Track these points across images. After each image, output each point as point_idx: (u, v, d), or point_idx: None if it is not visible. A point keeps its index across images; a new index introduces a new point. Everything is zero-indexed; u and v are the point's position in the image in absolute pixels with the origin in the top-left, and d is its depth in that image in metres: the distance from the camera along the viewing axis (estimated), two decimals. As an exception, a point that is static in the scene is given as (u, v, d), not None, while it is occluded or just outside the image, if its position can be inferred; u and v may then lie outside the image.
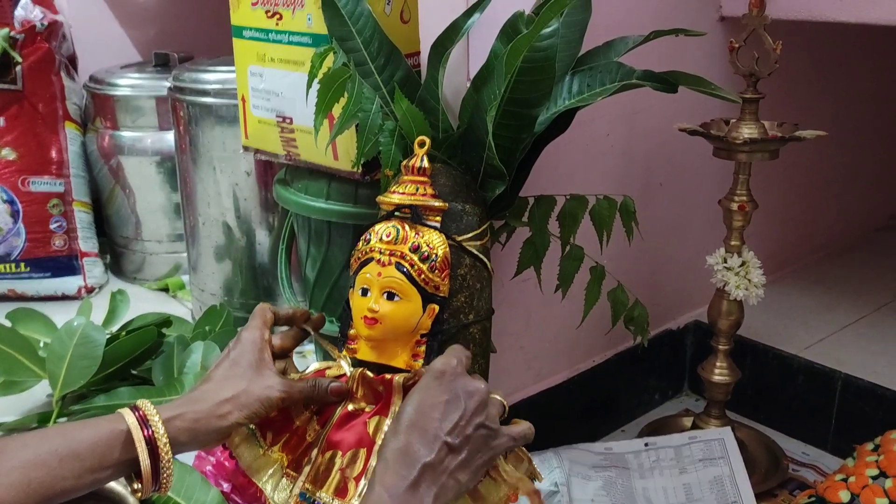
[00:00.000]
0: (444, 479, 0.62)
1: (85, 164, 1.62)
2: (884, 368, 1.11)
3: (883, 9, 0.97)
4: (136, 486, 0.67)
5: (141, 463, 0.64)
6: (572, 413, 0.71)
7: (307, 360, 1.18)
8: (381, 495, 0.59)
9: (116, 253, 1.68)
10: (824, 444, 1.13)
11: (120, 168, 1.60)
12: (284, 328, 0.82)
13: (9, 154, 1.52)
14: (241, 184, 1.32)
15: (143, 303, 1.47)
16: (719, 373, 1.04)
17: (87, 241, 1.60)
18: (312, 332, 0.82)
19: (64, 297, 1.57)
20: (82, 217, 1.60)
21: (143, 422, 0.65)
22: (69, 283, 1.57)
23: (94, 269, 1.60)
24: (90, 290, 1.59)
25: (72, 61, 1.66)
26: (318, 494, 0.73)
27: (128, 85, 1.58)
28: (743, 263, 0.98)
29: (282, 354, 0.79)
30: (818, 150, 1.39)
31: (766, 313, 1.22)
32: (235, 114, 1.29)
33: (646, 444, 1.02)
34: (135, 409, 0.66)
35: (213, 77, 1.30)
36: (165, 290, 1.62)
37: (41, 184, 1.55)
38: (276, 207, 1.33)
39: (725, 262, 0.98)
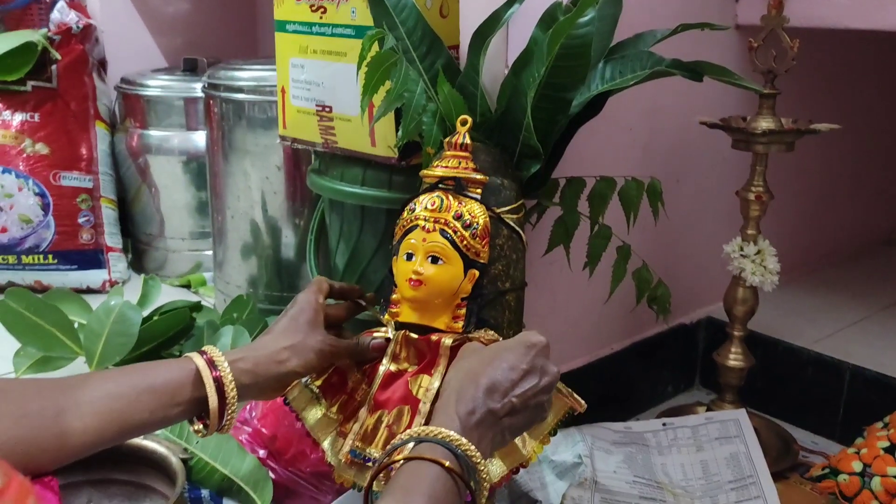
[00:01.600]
0: (497, 431, 0.67)
1: (112, 162, 1.68)
2: (891, 361, 1.15)
3: (892, 16, 1.03)
4: (197, 427, 0.72)
5: (209, 401, 0.70)
6: (590, 399, 0.75)
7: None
8: (452, 419, 0.64)
9: (139, 250, 1.73)
10: (832, 434, 1.17)
11: (147, 167, 1.65)
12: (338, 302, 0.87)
13: (42, 149, 1.57)
14: (271, 177, 1.37)
15: (166, 298, 1.50)
16: (734, 358, 1.08)
17: (112, 237, 1.65)
18: (367, 305, 0.87)
19: (89, 290, 1.61)
20: (108, 213, 1.65)
21: (211, 364, 0.71)
22: (94, 277, 1.61)
23: (118, 264, 1.65)
24: (114, 284, 1.62)
25: (102, 64, 1.72)
26: (367, 451, 0.77)
27: (158, 86, 1.64)
28: (759, 251, 1.03)
29: (335, 324, 0.85)
30: (825, 160, 1.45)
31: (776, 311, 1.27)
32: (267, 111, 1.34)
33: (664, 424, 1.06)
34: (202, 352, 0.72)
35: (247, 75, 1.36)
36: (187, 286, 1.66)
37: (71, 179, 1.60)
38: (305, 202, 1.37)
39: (742, 250, 1.03)
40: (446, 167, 0.81)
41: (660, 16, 1.03)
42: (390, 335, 0.82)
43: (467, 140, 0.82)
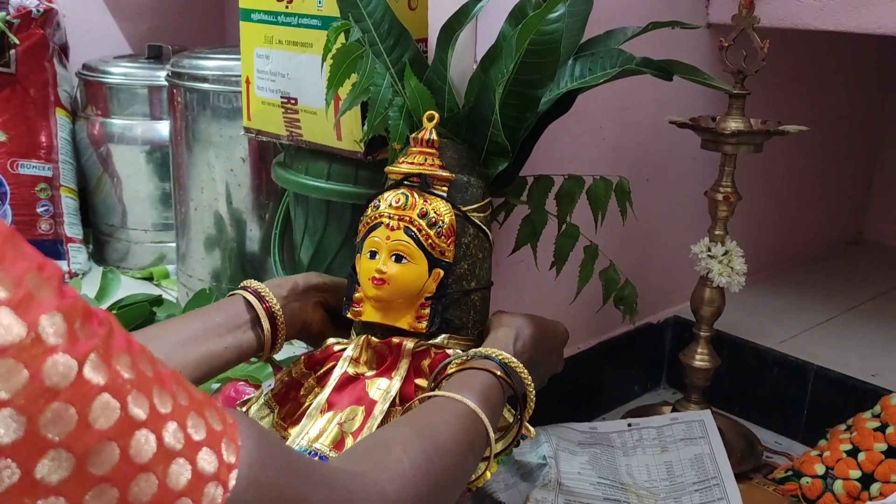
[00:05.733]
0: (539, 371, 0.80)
1: (73, 151, 1.63)
2: (854, 362, 1.16)
3: (862, 18, 1.03)
4: (252, 360, 0.82)
5: (263, 328, 0.79)
6: (556, 397, 0.76)
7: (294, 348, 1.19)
8: (507, 347, 0.76)
9: (100, 241, 1.69)
10: (796, 435, 1.17)
11: (109, 156, 1.61)
12: None
13: (-1, 136, 1.53)
14: (235, 170, 1.34)
15: (127, 290, 1.48)
16: (700, 358, 1.08)
17: (72, 227, 1.61)
18: None
19: (47, 282, 1.57)
20: (68, 203, 1.61)
21: (258, 296, 0.80)
22: (53, 268, 1.58)
23: (78, 255, 1.61)
24: (73, 276, 1.59)
25: (64, 50, 1.67)
26: (313, 446, 0.75)
27: (121, 73, 1.60)
28: (726, 252, 1.02)
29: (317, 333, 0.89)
30: (792, 161, 1.46)
31: (742, 311, 1.27)
32: (233, 101, 1.32)
33: (629, 425, 1.05)
34: (244, 288, 0.81)
35: (212, 64, 1.33)
36: (149, 279, 1.63)
37: (30, 167, 1.56)
38: (270, 194, 1.35)
39: (709, 250, 1.03)
40: (412, 164, 0.80)
41: (631, 13, 1.02)
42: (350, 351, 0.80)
43: (434, 136, 0.80)
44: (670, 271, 1.24)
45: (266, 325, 0.79)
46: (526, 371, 0.74)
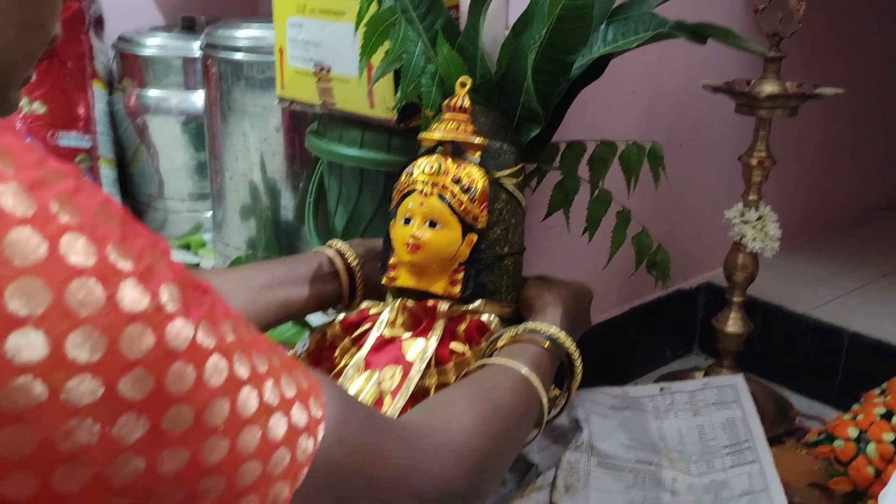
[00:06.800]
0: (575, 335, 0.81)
1: (110, 122, 1.66)
2: (890, 328, 1.15)
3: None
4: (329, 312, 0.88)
5: (342, 283, 0.85)
6: (587, 364, 0.77)
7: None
8: (554, 321, 0.77)
9: (139, 211, 1.72)
10: (829, 400, 1.17)
11: (145, 127, 1.64)
12: None
13: (39, 108, 1.56)
14: (269, 139, 1.36)
15: (166, 259, 1.51)
16: (733, 324, 1.08)
17: (111, 198, 1.64)
18: None
19: (88, 251, 1.61)
20: (107, 174, 1.64)
21: (340, 254, 0.85)
22: (93, 238, 1.61)
23: (117, 226, 1.64)
24: (113, 246, 1.62)
25: (99, 22, 1.69)
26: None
27: (156, 45, 1.62)
28: (760, 217, 1.02)
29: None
30: (827, 124, 1.44)
31: (776, 277, 1.26)
32: (266, 71, 1.32)
33: (661, 389, 1.06)
34: (328, 246, 0.86)
35: (245, 34, 1.34)
36: (187, 247, 1.66)
37: (69, 138, 1.58)
38: (304, 164, 1.36)
39: (743, 216, 1.03)
40: (445, 130, 0.80)
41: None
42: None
43: (466, 103, 0.81)
44: (703, 237, 1.24)
45: (345, 279, 0.85)
46: (573, 344, 0.76)
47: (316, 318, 1.13)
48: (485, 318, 0.79)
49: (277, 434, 0.42)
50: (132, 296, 0.36)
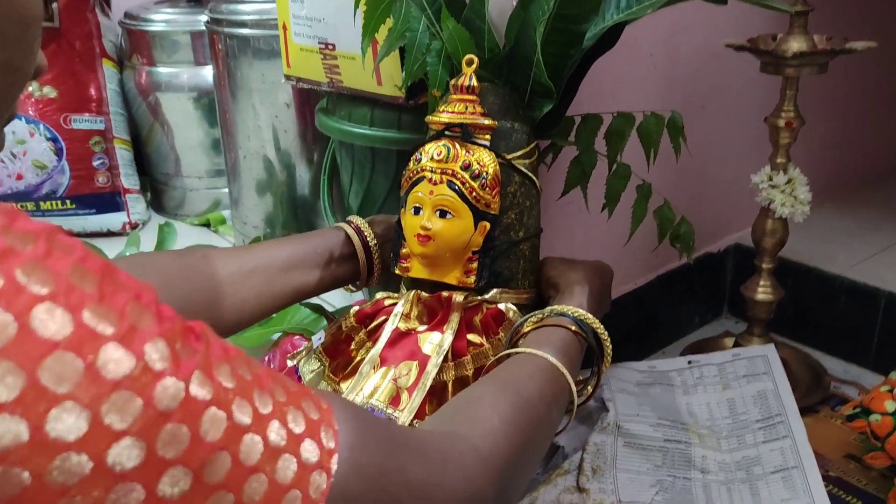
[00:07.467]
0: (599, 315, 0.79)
1: (123, 101, 1.64)
2: (928, 286, 1.11)
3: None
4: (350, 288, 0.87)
5: (360, 261, 0.84)
6: (613, 335, 0.74)
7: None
8: (581, 303, 0.75)
9: (157, 190, 1.71)
10: (866, 363, 1.14)
11: (158, 105, 1.61)
12: None
13: (50, 92, 1.54)
14: (280, 116, 1.33)
15: (186, 238, 1.50)
16: (763, 291, 1.04)
17: (128, 178, 1.63)
18: None
19: (109, 234, 1.60)
20: (123, 154, 1.62)
21: (357, 231, 0.84)
22: (114, 220, 1.60)
23: (136, 206, 1.63)
24: (134, 227, 1.62)
25: (105, -1, 1.66)
26: (370, 402, 0.75)
27: (163, 20, 1.59)
28: (789, 181, 0.98)
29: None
30: (857, 79, 1.37)
31: (807, 236, 1.22)
32: (274, 45, 1.29)
33: (689, 363, 1.03)
34: (349, 222, 0.85)
35: (251, 8, 1.30)
36: (206, 225, 1.65)
37: (82, 121, 1.57)
38: (317, 139, 1.33)
39: (771, 179, 0.98)
40: (452, 112, 0.77)
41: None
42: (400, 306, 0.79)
43: (474, 82, 0.77)
44: (729, 200, 1.19)
45: (362, 259, 0.84)
46: (601, 325, 0.74)
47: (334, 298, 1.11)
48: (502, 306, 0.76)
49: (286, 476, 0.41)
50: (115, 360, 0.35)
